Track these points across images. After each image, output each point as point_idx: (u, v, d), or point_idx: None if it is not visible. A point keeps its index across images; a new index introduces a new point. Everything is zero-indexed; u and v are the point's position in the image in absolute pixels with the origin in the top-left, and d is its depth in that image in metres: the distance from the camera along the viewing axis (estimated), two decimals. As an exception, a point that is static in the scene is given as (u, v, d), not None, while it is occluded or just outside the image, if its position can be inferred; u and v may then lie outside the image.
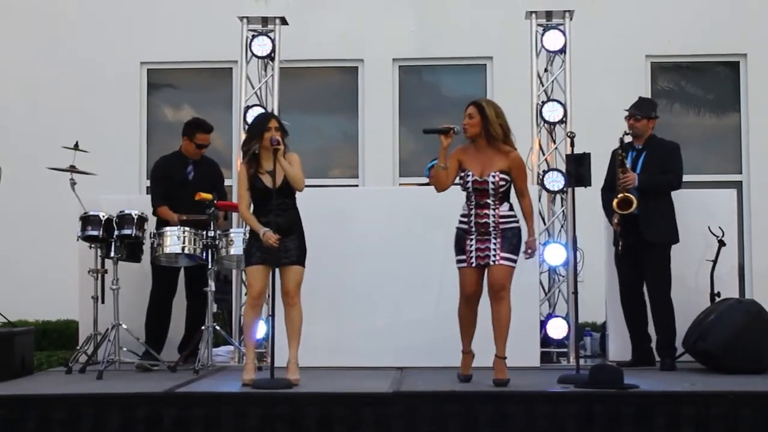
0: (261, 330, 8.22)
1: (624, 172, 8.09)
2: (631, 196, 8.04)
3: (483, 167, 7.06)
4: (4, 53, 11.93)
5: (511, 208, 7.12)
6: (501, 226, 7.05)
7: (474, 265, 7.05)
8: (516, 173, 7.11)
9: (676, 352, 8.09)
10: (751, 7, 11.65)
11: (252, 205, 7.26)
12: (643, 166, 8.21)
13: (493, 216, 7.05)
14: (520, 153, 7.22)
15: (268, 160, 7.11)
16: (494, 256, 7.03)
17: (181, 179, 8.52)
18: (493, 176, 7.03)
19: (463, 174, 7.09)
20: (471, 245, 7.06)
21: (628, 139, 8.26)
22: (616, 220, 8.12)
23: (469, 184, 7.06)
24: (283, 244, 7.08)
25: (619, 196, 8.05)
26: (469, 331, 7.16)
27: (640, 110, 8.30)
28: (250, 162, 7.21)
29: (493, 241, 7.04)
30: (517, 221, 7.12)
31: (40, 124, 11.69)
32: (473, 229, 7.06)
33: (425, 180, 10.03)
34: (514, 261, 7.08)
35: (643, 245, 8.09)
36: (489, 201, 7.05)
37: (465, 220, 7.11)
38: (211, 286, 8.02)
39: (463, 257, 7.08)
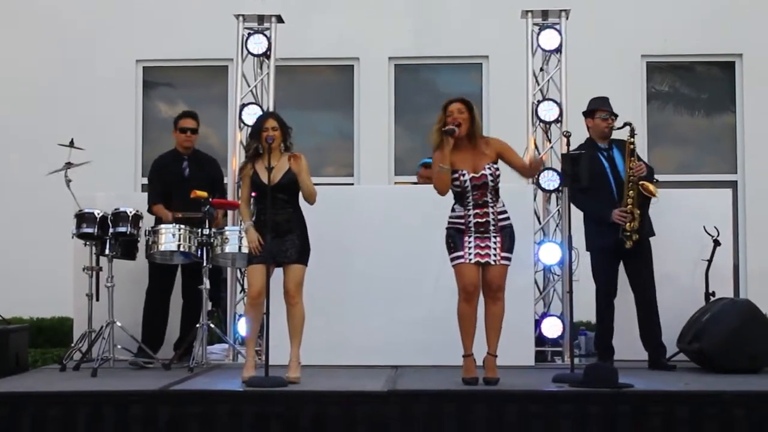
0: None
1: (635, 161, 8.09)
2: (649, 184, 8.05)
3: (474, 164, 7.02)
4: (-1, 51, 11.93)
5: (504, 205, 7.11)
6: (500, 224, 7.03)
7: (472, 261, 6.96)
8: (507, 154, 7.11)
9: (665, 351, 8.09)
10: (746, 7, 11.65)
11: (253, 203, 7.32)
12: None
13: (493, 213, 7.01)
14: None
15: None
16: (495, 255, 6.99)
17: (177, 176, 8.52)
18: (489, 168, 7.00)
19: (456, 175, 7.01)
20: (469, 242, 6.98)
21: (619, 133, 8.22)
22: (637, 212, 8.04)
23: (467, 183, 6.99)
24: (282, 244, 7.11)
25: (645, 183, 8.02)
26: (470, 332, 7.01)
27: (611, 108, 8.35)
28: (252, 160, 7.25)
29: (493, 239, 6.99)
30: (509, 218, 7.10)
31: (36, 121, 11.66)
32: (471, 229, 6.99)
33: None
34: (510, 260, 7.06)
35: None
36: (488, 199, 7.00)
37: (461, 221, 7.03)
38: (206, 283, 8.02)
39: (461, 253, 6.97)
